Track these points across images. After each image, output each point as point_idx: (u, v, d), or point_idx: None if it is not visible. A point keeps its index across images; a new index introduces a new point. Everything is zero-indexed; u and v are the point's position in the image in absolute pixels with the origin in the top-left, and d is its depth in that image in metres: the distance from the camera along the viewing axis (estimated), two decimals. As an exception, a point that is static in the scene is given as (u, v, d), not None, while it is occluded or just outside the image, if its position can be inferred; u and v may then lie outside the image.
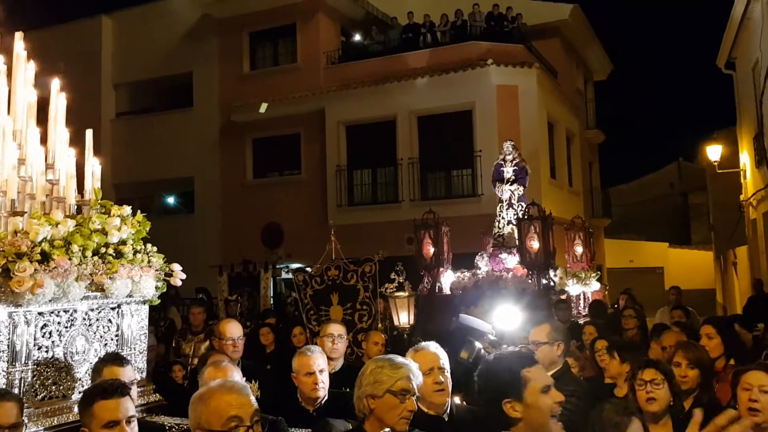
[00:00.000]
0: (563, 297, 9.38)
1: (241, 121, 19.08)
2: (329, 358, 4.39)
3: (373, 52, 18.54)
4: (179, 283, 3.74)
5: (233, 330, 5.12)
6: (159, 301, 3.77)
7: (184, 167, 19.78)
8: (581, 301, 10.28)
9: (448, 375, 3.51)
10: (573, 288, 10.05)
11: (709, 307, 17.99)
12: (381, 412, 2.85)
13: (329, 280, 7.47)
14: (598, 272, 11.98)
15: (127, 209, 3.72)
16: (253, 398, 2.42)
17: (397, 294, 6.54)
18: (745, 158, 15.56)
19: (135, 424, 2.80)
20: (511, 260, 10.16)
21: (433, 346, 3.59)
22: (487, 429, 3.10)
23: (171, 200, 21.89)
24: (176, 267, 3.69)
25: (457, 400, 3.75)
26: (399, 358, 3.02)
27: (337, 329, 4.97)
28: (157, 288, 3.85)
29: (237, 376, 3.51)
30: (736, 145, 16.80)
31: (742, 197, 16.10)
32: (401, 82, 17.07)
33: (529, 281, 9.53)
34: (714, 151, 17.07)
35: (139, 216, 3.80)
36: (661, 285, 19.44)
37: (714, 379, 4.10)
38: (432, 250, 10.69)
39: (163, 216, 20.24)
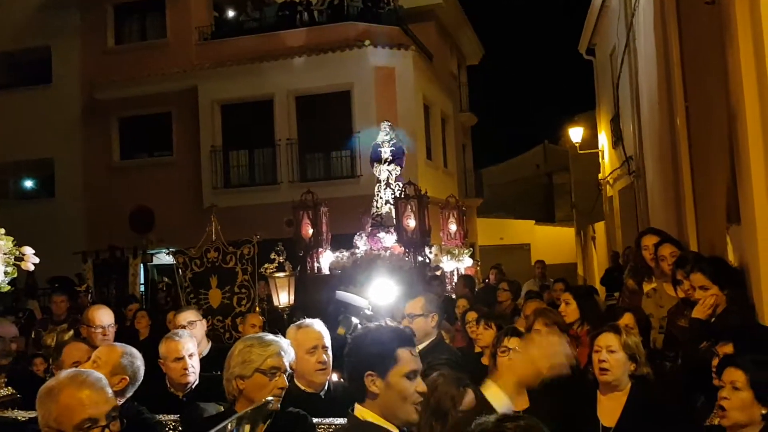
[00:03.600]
0: (438, 273, 9.71)
1: (106, 99, 17.99)
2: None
3: (248, 29, 18.04)
4: (31, 268, 3.47)
5: (103, 317, 4.88)
6: (10, 288, 3.47)
7: (43, 148, 18.36)
8: (455, 277, 10.68)
9: (331, 354, 3.53)
10: (447, 264, 10.42)
11: (572, 280, 19.20)
12: (250, 392, 2.80)
13: (209, 263, 7.28)
14: (471, 249, 12.47)
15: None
16: (109, 391, 2.27)
17: (276, 274, 6.47)
18: (604, 139, 16.68)
19: None
20: (388, 239, 10.35)
21: (317, 324, 3.58)
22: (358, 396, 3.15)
23: (29, 184, 20.35)
24: (28, 250, 3.43)
25: (335, 377, 3.79)
26: (269, 336, 2.98)
27: (185, 317, 4.89)
28: (6, 273, 3.56)
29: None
30: (596, 128, 17.99)
31: (600, 176, 17.28)
32: (278, 61, 16.78)
33: (406, 259, 9.76)
34: (575, 134, 18.20)
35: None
36: (528, 260, 20.53)
37: (573, 342, 4.41)
38: (311, 230, 10.68)
39: (20, 201, 18.82)
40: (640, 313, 4.12)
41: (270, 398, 1.17)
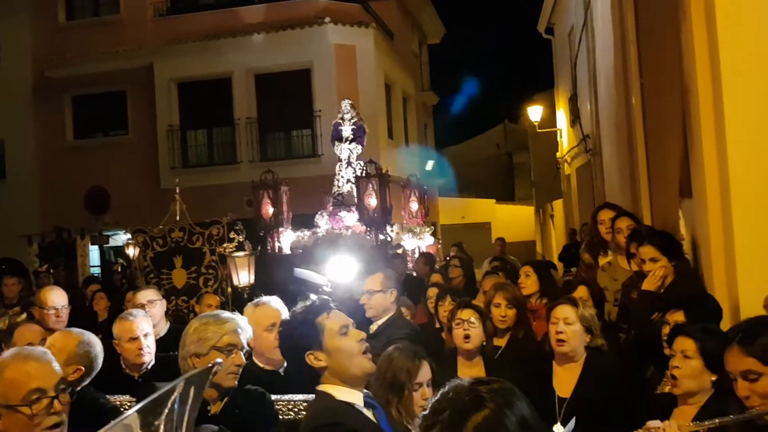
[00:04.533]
0: (399, 251, 9.74)
1: (58, 78, 17.41)
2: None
3: (205, 5, 17.66)
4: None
5: (56, 298, 4.76)
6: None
7: (-8, 129, 17.81)
8: (416, 255, 10.72)
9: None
10: (408, 242, 10.45)
11: (531, 257, 19.55)
12: None
13: (173, 242, 7.17)
14: (432, 227, 12.54)
15: None
16: (56, 365, 2.21)
17: (236, 254, 6.41)
18: (562, 118, 16.87)
19: None
20: (350, 218, 10.33)
21: (274, 301, 3.56)
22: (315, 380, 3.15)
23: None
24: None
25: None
26: (225, 314, 2.95)
27: (144, 296, 4.82)
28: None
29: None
30: (554, 107, 18.19)
31: (558, 154, 17.51)
32: (236, 38, 16.47)
33: (368, 237, 9.76)
34: (534, 113, 18.35)
35: None
36: (490, 239, 20.77)
37: (531, 315, 4.48)
38: (271, 210, 10.58)
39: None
40: (593, 286, 4.20)
41: (219, 360, 1.15)
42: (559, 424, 2.65)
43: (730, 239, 3.51)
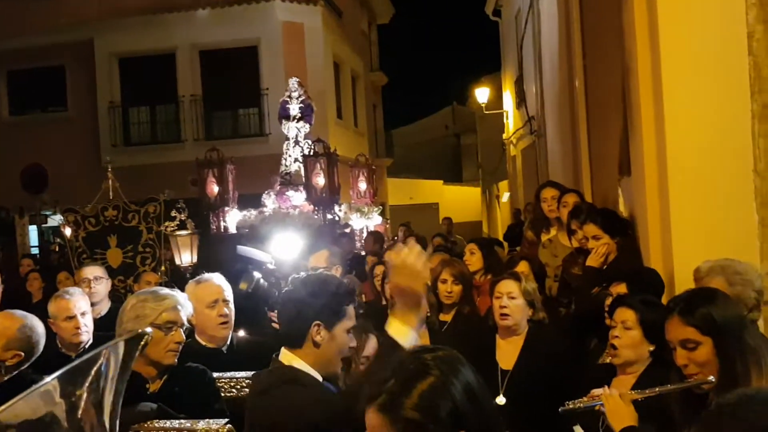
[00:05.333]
0: (347, 230, 9.73)
1: (-7, 51, 16.72)
2: (91, 303, 4.12)
3: (147, -22, 17.13)
4: None
5: (-19, 279, 4.60)
6: None
7: None
8: (364, 235, 10.73)
9: (233, 307, 3.46)
10: (357, 222, 10.44)
11: (477, 237, 19.84)
12: (146, 348, 2.72)
13: (106, 221, 6.99)
14: (381, 207, 12.56)
15: None
16: None
17: (178, 233, 6.28)
18: (508, 100, 17.06)
19: None
20: (297, 197, 10.23)
21: (216, 278, 3.50)
22: (268, 359, 3.12)
23: None
24: None
25: (241, 332, 3.73)
26: (164, 290, 2.88)
27: (91, 271, 4.70)
28: None
29: None
30: (501, 89, 18.36)
31: (504, 136, 17.72)
32: (180, 12, 16.03)
33: (315, 217, 9.70)
34: (481, 95, 18.51)
35: None
36: (437, 219, 20.92)
37: (475, 292, 4.54)
38: (216, 189, 10.39)
39: None
40: (534, 261, 4.28)
41: (148, 330, 1.11)
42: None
43: (666, 215, 3.62)
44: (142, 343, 1.22)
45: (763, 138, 3.43)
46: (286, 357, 2.35)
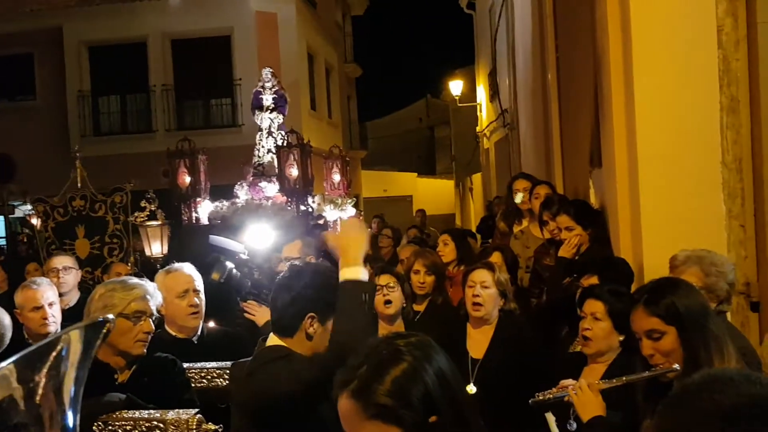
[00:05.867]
0: (320, 222, 9.70)
1: (-44, 38, 16.30)
2: (60, 294, 4.06)
3: (117, -35, 16.83)
4: None
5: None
6: None
7: None
8: (338, 226, 10.70)
9: (203, 297, 3.43)
10: (330, 214, 10.40)
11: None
12: (113, 338, 2.65)
13: (74, 212, 6.88)
14: (355, 199, 12.54)
15: None
16: None
17: (148, 223, 6.19)
18: (482, 93, 17.12)
19: None
20: (270, 188, 10.16)
21: (187, 268, 3.46)
22: (239, 350, 3.09)
23: None
24: None
25: (211, 323, 3.70)
26: (133, 279, 2.84)
27: (60, 261, 4.64)
28: None
29: None
30: (475, 82, 18.42)
31: (478, 129, 17.80)
32: (152, 1, 15.82)
33: (289, 208, 9.65)
34: (455, 87, 18.56)
35: None
36: (411, 212, 20.96)
37: (448, 282, 4.55)
38: (188, 179, 10.26)
39: None
40: (507, 252, 4.30)
41: (110, 316, 1.08)
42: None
43: (636, 206, 3.66)
44: (105, 329, 1.19)
45: (730, 130, 3.49)
46: (274, 342, 2.34)
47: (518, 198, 5.06)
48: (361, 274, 2.27)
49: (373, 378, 1.36)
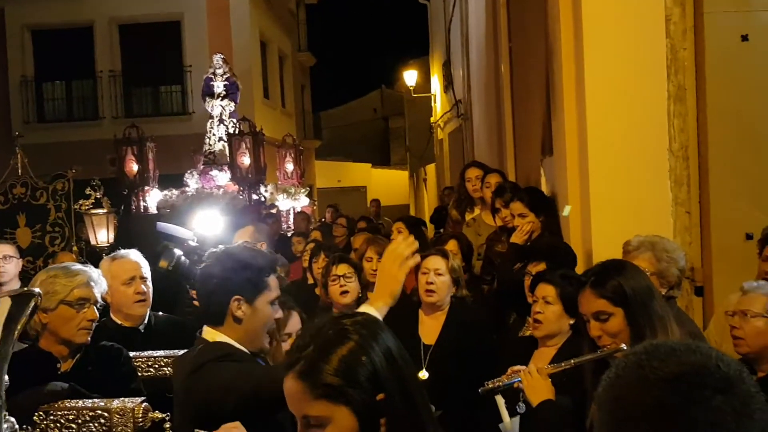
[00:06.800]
0: (273, 211, 9.61)
1: None
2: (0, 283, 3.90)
3: (62, -55, 16.28)
4: None
5: None
6: None
7: None
8: (291, 216, 10.62)
9: (150, 285, 3.35)
10: (283, 203, 10.33)
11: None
12: (56, 326, 2.58)
13: (15, 199, 6.64)
14: (308, 189, 12.47)
15: None
16: None
17: (93, 211, 6.01)
18: (436, 84, 17.16)
19: None
20: (222, 177, 10.02)
21: (133, 254, 3.37)
22: (187, 339, 3.02)
23: None
24: None
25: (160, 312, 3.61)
26: (76, 266, 2.75)
27: (1, 250, 4.45)
28: None
29: None
30: (429, 72, 18.46)
31: (432, 120, 17.86)
32: (98, -16, 15.39)
33: (241, 197, 9.53)
34: (410, 78, 18.56)
35: None
36: (365, 202, 20.94)
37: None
38: (136, 167, 10.04)
39: None
40: (463, 239, 4.32)
41: (36, 290, 1.03)
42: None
43: (586, 193, 3.71)
44: (32, 303, 1.13)
45: (677, 118, 3.56)
46: (210, 334, 2.27)
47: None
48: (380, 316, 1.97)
49: (319, 358, 1.35)
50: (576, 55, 3.88)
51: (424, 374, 3.23)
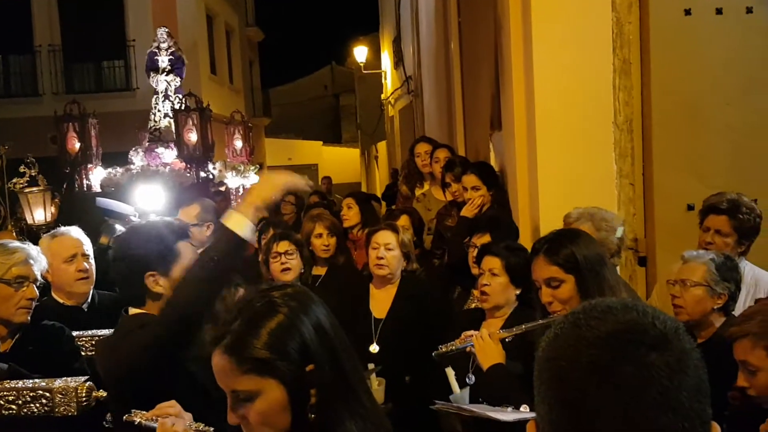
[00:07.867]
0: (222, 189, 9.45)
1: None
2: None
3: None
4: None
5: None
6: None
7: None
8: (240, 194, 10.46)
9: (93, 262, 3.25)
10: (232, 180, 10.15)
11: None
12: None
13: (-55, 179, 6.34)
14: (258, 166, 12.29)
15: None
16: None
17: (29, 189, 5.79)
18: (386, 60, 17.08)
19: None
20: (168, 154, 9.77)
21: (74, 231, 3.27)
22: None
23: None
24: None
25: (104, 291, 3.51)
26: (13, 243, 2.67)
27: None
28: None
29: None
30: (380, 49, 18.35)
31: (383, 96, 17.79)
32: (34, -47, 14.74)
33: (188, 174, 9.33)
34: (360, 54, 18.42)
35: None
36: (317, 180, 20.76)
37: (352, 246, 4.54)
38: (78, 145, 9.70)
39: None
40: (414, 215, 4.34)
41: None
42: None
43: (534, 167, 3.75)
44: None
45: (622, 92, 3.62)
46: (134, 313, 2.22)
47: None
48: (246, 231, 1.97)
49: (247, 332, 1.32)
50: (524, 29, 3.89)
51: (375, 348, 3.25)
